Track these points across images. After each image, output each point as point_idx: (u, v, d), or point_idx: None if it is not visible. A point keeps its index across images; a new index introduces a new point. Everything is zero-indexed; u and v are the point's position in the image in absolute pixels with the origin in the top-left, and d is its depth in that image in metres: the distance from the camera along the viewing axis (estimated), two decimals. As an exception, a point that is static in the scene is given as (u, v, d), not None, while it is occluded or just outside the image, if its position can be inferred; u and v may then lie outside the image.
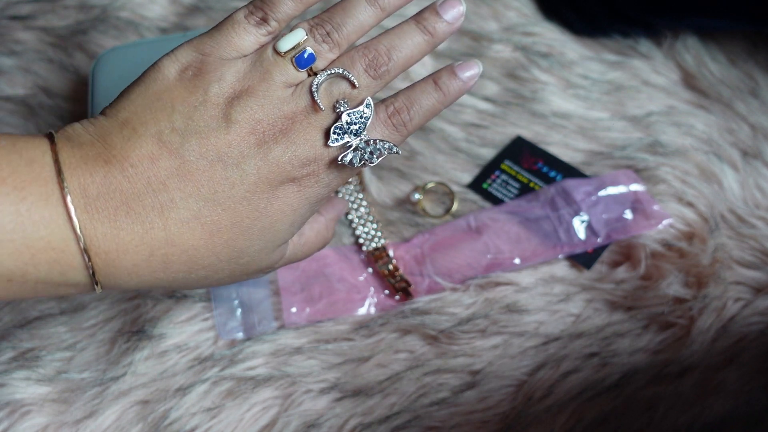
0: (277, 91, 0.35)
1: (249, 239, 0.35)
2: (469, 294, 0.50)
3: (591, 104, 0.58)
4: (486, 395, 0.47)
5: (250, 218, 0.34)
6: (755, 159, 0.54)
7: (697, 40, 0.60)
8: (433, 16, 0.37)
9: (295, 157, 0.34)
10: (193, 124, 0.33)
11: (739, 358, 0.46)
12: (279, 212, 0.35)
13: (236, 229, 0.34)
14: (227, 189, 0.33)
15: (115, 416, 0.46)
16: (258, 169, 0.34)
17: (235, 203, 0.34)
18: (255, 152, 0.34)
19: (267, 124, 0.34)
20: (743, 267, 0.50)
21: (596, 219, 0.52)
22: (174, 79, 0.34)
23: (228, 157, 0.33)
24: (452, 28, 0.38)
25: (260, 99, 0.34)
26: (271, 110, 0.34)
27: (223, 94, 0.34)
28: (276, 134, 0.34)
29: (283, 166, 0.34)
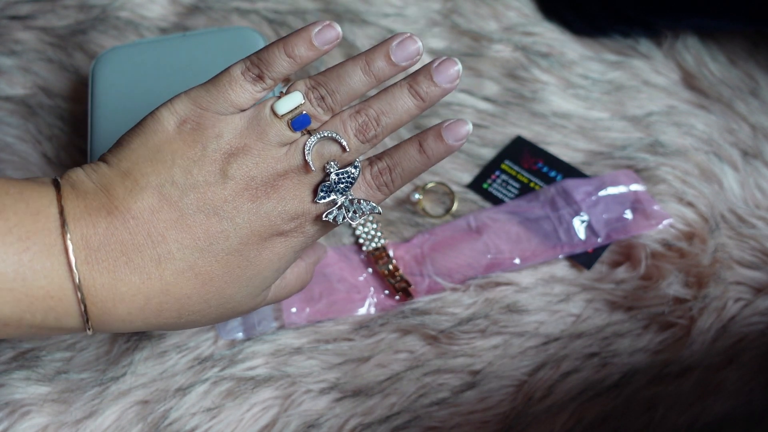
0: (271, 150, 0.36)
1: (238, 287, 0.36)
2: (469, 294, 0.50)
3: (591, 104, 0.58)
4: (486, 395, 0.47)
5: (240, 268, 0.36)
6: (755, 159, 0.54)
7: (697, 40, 0.60)
8: (426, 80, 0.38)
9: (284, 212, 0.36)
10: (192, 178, 0.35)
11: (739, 358, 0.46)
12: (267, 261, 0.37)
13: (227, 278, 0.36)
14: (221, 241, 0.35)
15: (115, 416, 0.46)
16: (250, 223, 0.35)
17: (228, 254, 0.35)
18: (248, 207, 0.35)
19: (260, 180, 0.36)
20: (743, 267, 0.50)
21: (596, 219, 0.52)
22: (173, 132, 0.35)
23: (223, 211, 0.35)
24: (445, 92, 0.38)
25: (255, 157, 0.36)
26: (265, 168, 0.36)
27: (221, 150, 0.35)
28: (268, 190, 0.36)
29: (273, 220, 0.36)
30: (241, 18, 0.62)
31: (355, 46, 0.60)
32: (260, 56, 0.37)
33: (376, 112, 0.38)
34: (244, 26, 0.53)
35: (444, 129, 0.38)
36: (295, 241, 0.37)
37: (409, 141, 0.39)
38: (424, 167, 0.39)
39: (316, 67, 0.60)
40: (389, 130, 0.38)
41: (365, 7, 0.62)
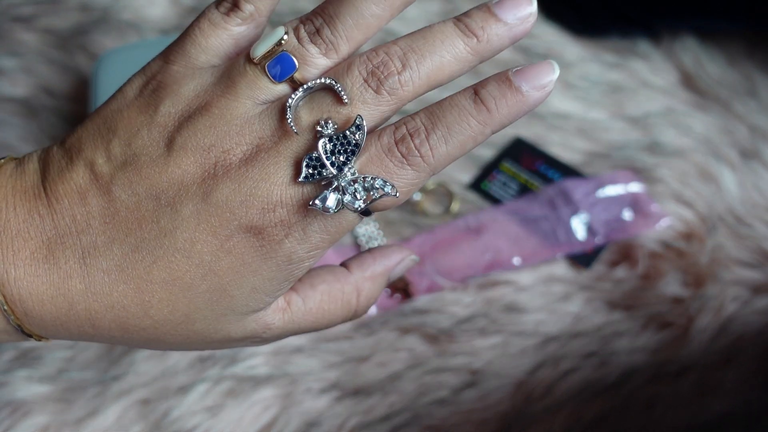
0: (238, 109, 0.26)
1: (192, 302, 0.27)
2: (469, 293, 0.50)
3: (590, 105, 0.58)
4: (485, 394, 0.47)
5: (190, 275, 0.27)
6: (753, 159, 0.55)
7: (695, 40, 0.60)
8: (485, 15, 0.27)
9: (250, 198, 0.26)
10: (130, 151, 0.27)
11: (737, 358, 0.47)
12: (231, 272, 0.27)
13: (173, 287, 0.27)
14: (160, 237, 0.26)
15: (117, 415, 0.46)
16: (198, 214, 0.26)
17: (168, 255, 0.26)
18: (196, 190, 0.26)
19: (219, 152, 0.26)
20: (741, 267, 0.50)
21: (595, 219, 0.52)
22: (132, 97, 0.28)
23: (163, 195, 0.26)
24: (513, 35, 0.27)
25: (214, 119, 0.26)
26: (227, 134, 0.26)
27: (175, 113, 0.27)
28: (229, 167, 0.26)
29: (233, 210, 0.26)
30: (242, 19, 0.62)
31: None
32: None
33: (404, 51, 0.27)
34: None
35: (516, 73, 0.26)
36: (277, 248, 0.26)
37: (460, 91, 0.28)
38: (481, 131, 0.27)
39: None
40: (421, 81, 0.27)
41: (365, 9, 0.63)
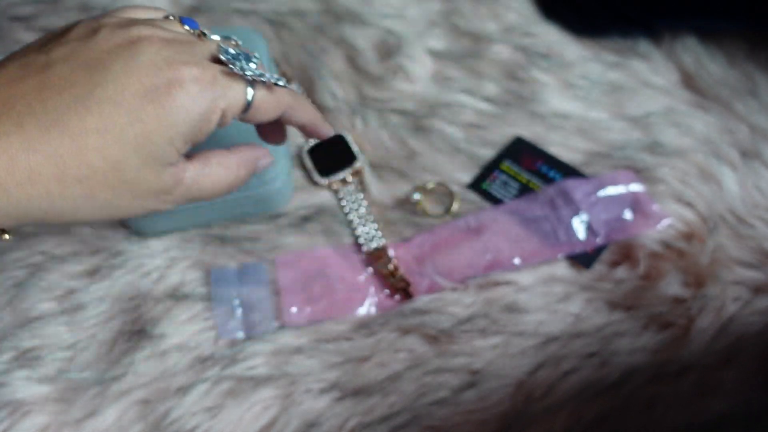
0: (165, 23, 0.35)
1: (122, 149, 0.32)
2: (469, 294, 0.50)
3: (590, 105, 0.58)
4: (486, 395, 0.47)
5: (121, 122, 0.31)
6: (754, 159, 0.55)
7: (696, 40, 0.60)
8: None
9: (174, 57, 0.33)
10: (63, 40, 0.33)
11: (737, 358, 0.46)
12: (154, 119, 0.32)
13: (107, 135, 0.31)
14: (90, 90, 0.31)
15: (116, 416, 0.46)
16: (126, 68, 0.32)
17: (101, 104, 0.31)
18: (123, 52, 0.32)
19: (142, 28, 0.34)
20: (742, 267, 0.50)
21: (596, 219, 0.52)
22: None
23: (93, 62, 0.32)
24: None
25: (148, 12, 0.35)
26: (150, 23, 0.34)
27: (111, 21, 0.34)
28: (151, 40, 0.33)
29: (158, 65, 0.32)
30: (242, 19, 0.62)
31: (355, 47, 0.60)
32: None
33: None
34: (244, 27, 0.54)
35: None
36: (191, 101, 0.33)
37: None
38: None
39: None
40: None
41: (365, 8, 0.63)
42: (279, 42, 0.61)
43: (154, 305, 0.49)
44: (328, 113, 0.58)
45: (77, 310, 0.49)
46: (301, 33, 0.61)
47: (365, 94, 0.58)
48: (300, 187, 0.55)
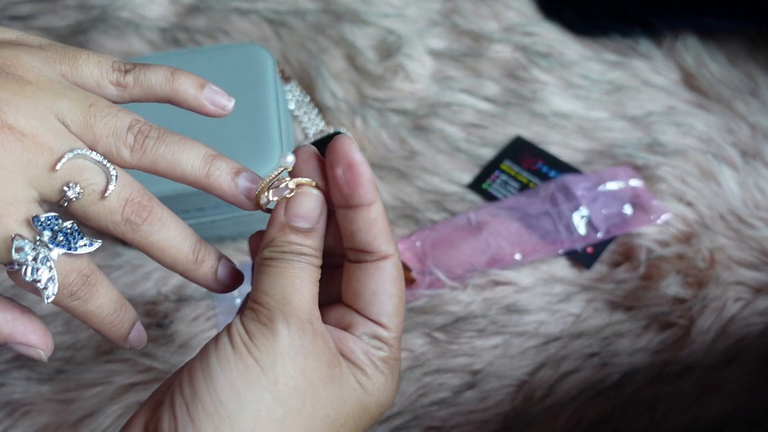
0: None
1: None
2: (469, 294, 0.50)
3: (591, 104, 0.58)
4: (486, 395, 0.47)
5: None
6: (755, 159, 0.55)
7: (697, 40, 0.60)
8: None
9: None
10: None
11: (738, 359, 0.46)
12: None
13: None
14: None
15: (115, 416, 0.46)
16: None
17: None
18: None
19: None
20: (743, 267, 0.50)
21: (596, 214, 0.52)
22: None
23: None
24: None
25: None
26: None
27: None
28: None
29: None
30: (242, 18, 0.62)
31: (355, 47, 0.60)
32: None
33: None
34: (253, 43, 0.54)
35: (208, 86, 0.33)
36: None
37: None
38: (166, 95, 0.33)
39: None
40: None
41: (365, 7, 0.62)
42: (279, 42, 0.61)
43: (158, 304, 0.49)
44: (328, 113, 0.58)
45: (77, 310, 0.49)
46: (301, 32, 0.61)
47: (365, 93, 0.58)
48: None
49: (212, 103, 0.33)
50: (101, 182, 0.29)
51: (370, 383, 0.30)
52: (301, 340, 0.28)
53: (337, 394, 0.29)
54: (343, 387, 0.29)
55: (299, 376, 0.28)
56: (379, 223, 0.31)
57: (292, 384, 0.28)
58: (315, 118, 0.58)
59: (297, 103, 0.58)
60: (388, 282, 0.31)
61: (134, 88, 0.32)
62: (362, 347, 0.31)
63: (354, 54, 0.60)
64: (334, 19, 0.62)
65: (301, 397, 0.28)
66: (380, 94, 0.58)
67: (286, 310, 0.29)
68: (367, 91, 0.58)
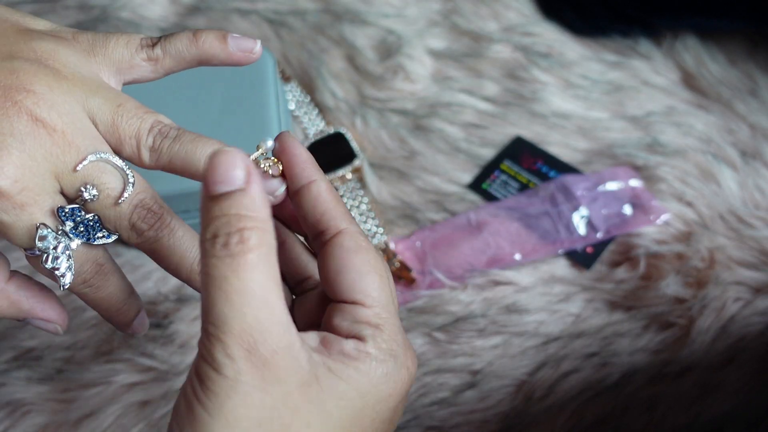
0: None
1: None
2: (469, 294, 0.50)
3: (591, 104, 0.58)
4: (486, 395, 0.47)
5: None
6: (754, 159, 0.55)
7: (697, 40, 0.60)
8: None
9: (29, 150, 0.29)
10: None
11: (738, 358, 0.46)
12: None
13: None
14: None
15: (115, 416, 0.46)
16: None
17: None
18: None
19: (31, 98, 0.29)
20: (743, 267, 0.50)
21: (596, 214, 0.52)
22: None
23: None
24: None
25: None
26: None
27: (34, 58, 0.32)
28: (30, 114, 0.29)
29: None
30: (242, 18, 0.62)
31: (355, 47, 0.60)
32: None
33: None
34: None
35: (230, 35, 0.33)
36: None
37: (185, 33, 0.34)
38: (195, 57, 0.33)
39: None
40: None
41: (365, 8, 0.62)
42: (279, 41, 0.61)
43: (157, 305, 0.49)
44: (328, 113, 0.58)
45: (76, 310, 0.49)
46: (301, 32, 0.61)
47: (365, 93, 0.58)
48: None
49: (240, 50, 0.33)
50: (118, 187, 0.30)
51: (364, 379, 0.27)
52: (252, 373, 0.24)
53: (317, 414, 0.26)
54: (326, 404, 0.26)
55: (258, 412, 0.24)
56: (323, 200, 0.29)
57: (248, 422, 0.24)
58: (315, 118, 0.58)
59: (297, 103, 0.58)
60: (348, 256, 0.28)
61: (165, 59, 0.33)
62: (350, 343, 0.27)
63: (354, 54, 0.60)
64: (334, 19, 0.62)
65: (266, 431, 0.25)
66: (380, 94, 0.58)
67: (227, 339, 0.24)
68: (367, 91, 0.58)
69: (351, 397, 0.26)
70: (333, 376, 0.26)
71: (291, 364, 0.25)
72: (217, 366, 0.24)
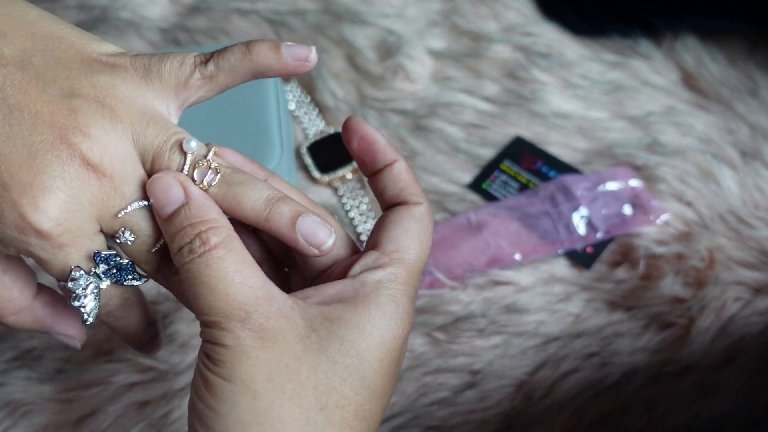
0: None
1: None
2: (469, 293, 0.50)
3: (590, 104, 0.58)
4: (486, 395, 0.47)
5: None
6: (754, 159, 0.55)
7: (696, 40, 0.60)
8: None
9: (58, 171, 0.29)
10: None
11: (738, 358, 0.46)
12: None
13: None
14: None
15: (115, 416, 0.46)
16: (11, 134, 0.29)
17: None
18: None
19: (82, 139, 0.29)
20: (742, 267, 0.50)
21: (596, 214, 0.52)
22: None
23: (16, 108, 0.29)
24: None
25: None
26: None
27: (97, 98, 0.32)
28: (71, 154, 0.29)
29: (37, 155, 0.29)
30: (242, 18, 0.62)
31: (355, 47, 0.60)
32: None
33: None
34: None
35: (284, 44, 0.32)
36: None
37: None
38: (250, 71, 0.32)
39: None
40: None
41: (365, 8, 0.62)
42: (279, 41, 0.61)
43: (156, 306, 0.49)
44: (328, 112, 0.58)
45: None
46: (301, 32, 0.61)
47: (365, 93, 0.58)
48: (300, 187, 0.54)
49: (294, 59, 0.32)
50: (154, 235, 0.30)
51: (364, 320, 0.29)
52: (251, 337, 0.28)
53: (322, 360, 0.28)
54: (327, 350, 0.29)
55: (265, 367, 0.28)
56: (404, 176, 0.33)
57: (261, 376, 0.28)
58: (315, 118, 0.58)
59: (297, 103, 0.59)
60: (410, 220, 0.32)
61: (219, 75, 0.32)
62: (356, 281, 0.30)
63: (354, 54, 0.60)
64: (334, 19, 0.62)
65: (278, 383, 0.28)
66: (380, 94, 0.58)
67: (220, 318, 0.28)
68: (367, 91, 0.58)
69: (352, 339, 0.29)
70: (330, 324, 0.29)
71: (285, 323, 0.28)
72: (219, 341, 0.28)
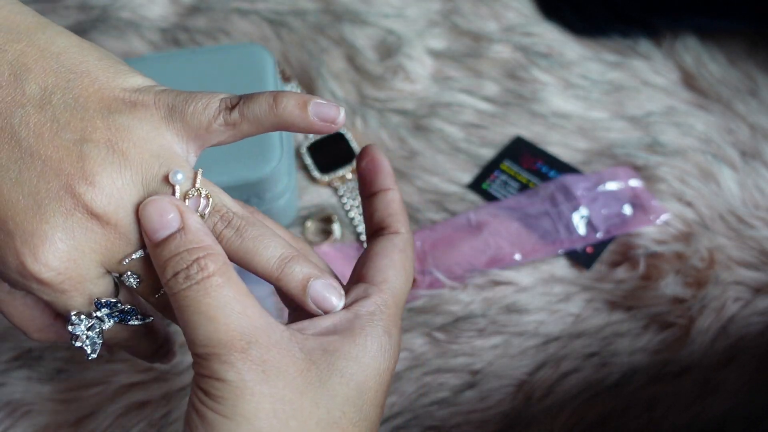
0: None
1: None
2: (469, 293, 0.50)
3: (591, 104, 0.58)
4: (486, 395, 0.47)
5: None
6: (754, 159, 0.55)
7: (696, 40, 0.60)
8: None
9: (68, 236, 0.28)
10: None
11: (738, 358, 0.47)
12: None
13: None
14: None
15: (115, 416, 0.46)
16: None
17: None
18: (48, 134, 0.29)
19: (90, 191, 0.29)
20: (742, 267, 0.50)
21: (596, 214, 0.52)
22: None
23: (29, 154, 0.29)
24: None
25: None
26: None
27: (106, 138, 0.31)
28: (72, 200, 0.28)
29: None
30: (242, 18, 0.62)
31: (355, 47, 0.60)
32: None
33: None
34: (253, 43, 0.54)
35: (313, 101, 0.31)
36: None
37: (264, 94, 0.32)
38: (273, 124, 0.32)
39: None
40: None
41: (365, 8, 0.62)
42: (279, 42, 0.61)
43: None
44: (328, 113, 0.58)
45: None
46: (301, 32, 0.61)
47: (365, 93, 0.58)
48: (300, 187, 0.54)
49: (321, 119, 0.31)
50: (158, 281, 0.30)
51: (362, 353, 0.29)
52: (253, 370, 0.27)
53: (323, 394, 0.28)
54: (328, 383, 0.28)
55: (269, 403, 0.27)
56: (394, 205, 0.35)
57: (265, 414, 0.27)
58: (315, 118, 0.58)
59: (297, 103, 0.58)
60: (393, 251, 0.33)
61: (242, 124, 0.31)
62: (350, 314, 0.31)
63: (354, 54, 0.60)
64: (334, 19, 0.62)
65: (283, 420, 0.27)
66: (380, 94, 0.58)
67: (220, 350, 0.27)
68: (367, 91, 0.58)
69: (352, 371, 0.29)
70: (329, 356, 0.29)
71: (285, 355, 0.28)
72: (218, 375, 0.27)
